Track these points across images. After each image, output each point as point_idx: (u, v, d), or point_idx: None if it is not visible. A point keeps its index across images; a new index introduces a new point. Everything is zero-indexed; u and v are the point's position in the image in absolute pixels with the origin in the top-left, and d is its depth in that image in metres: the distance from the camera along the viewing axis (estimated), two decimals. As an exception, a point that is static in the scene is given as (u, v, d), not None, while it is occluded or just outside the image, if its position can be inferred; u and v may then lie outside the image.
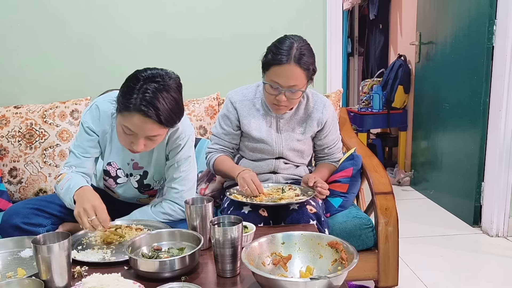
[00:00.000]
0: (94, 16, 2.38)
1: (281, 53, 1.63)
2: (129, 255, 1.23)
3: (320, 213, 1.63)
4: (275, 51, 1.65)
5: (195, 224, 1.39)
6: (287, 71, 1.63)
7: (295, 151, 1.86)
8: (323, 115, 1.83)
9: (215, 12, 2.45)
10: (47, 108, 2.21)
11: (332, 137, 1.90)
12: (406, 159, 4.00)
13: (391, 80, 3.91)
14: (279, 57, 1.63)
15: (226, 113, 1.85)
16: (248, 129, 1.82)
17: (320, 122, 1.84)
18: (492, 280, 2.26)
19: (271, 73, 1.66)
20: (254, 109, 1.83)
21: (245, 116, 1.82)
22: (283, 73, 1.63)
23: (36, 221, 1.59)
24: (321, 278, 1.02)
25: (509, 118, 2.59)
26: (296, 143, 1.85)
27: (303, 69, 1.64)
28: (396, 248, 1.78)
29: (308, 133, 1.85)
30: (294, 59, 1.62)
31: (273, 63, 1.65)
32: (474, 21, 2.80)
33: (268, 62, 1.67)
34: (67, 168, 1.62)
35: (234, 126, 1.85)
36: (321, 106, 1.84)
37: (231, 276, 1.21)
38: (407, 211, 3.16)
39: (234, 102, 1.84)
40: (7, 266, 1.34)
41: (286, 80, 1.64)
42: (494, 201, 2.71)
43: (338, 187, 1.88)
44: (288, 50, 1.63)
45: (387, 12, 4.56)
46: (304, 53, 1.65)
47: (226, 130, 1.86)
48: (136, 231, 1.50)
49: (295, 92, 1.67)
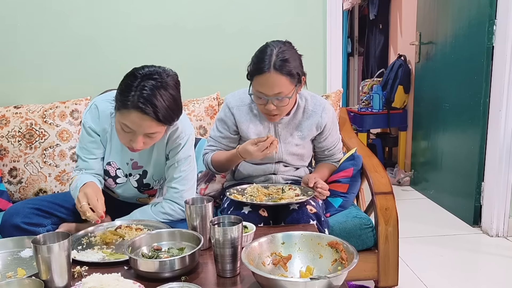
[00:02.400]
0: (94, 16, 2.39)
1: (262, 62, 1.62)
2: (129, 255, 1.23)
3: (320, 213, 1.63)
4: (256, 61, 1.65)
5: (195, 224, 1.39)
6: (269, 80, 1.61)
7: (295, 155, 1.86)
8: (322, 118, 1.81)
9: (215, 13, 2.45)
10: (47, 108, 2.21)
11: (331, 139, 1.88)
12: (406, 159, 4.00)
13: (391, 80, 3.91)
14: (260, 66, 1.62)
15: (224, 117, 1.84)
16: (246, 135, 1.81)
17: (319, 126, 1.82)
18: (492, 280, 2.26)
19: (255, 83, 1.66)
20: (251, 114, 1.82)
21: (242, 122, 1.81)
22: (265, 82, 1.62)
23: (37, 221, 1.60)
24: (321, 278, 1.02)
25: (509, 118, 2.59)
26: (295, 148, 1.84)
27: (286, 76, 1.61)
28: (396, 248, 1.78)
29: (307, 137, 1.84)
30: (274, 67, 1.60)
31: (255, 73, 1.64)
32: (474, 21, 2.80)
33: (251, 72, 1.67)
34: (78, 172, 1.64)
35: (231, 130, 1.84)
36: (320, 109, 1.82)
37: (231, 276, 1.21)
38: (407, 211, 3.16)
39: (232, 108, 1.82)
40: (7, 266, 1.34)
41: (270, 89, 1.62)
42: (494, 201, 2.71)
43: (338, 187, 1.88)
44: (268, 58, 1.61)
45: (387, 12, 4.56)
46: (286, 58, 1.62)
47: (224, 134, 1.85)
48: (136, 231, 1.50)
49: (282, 100, 1.65)
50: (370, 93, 4.06)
